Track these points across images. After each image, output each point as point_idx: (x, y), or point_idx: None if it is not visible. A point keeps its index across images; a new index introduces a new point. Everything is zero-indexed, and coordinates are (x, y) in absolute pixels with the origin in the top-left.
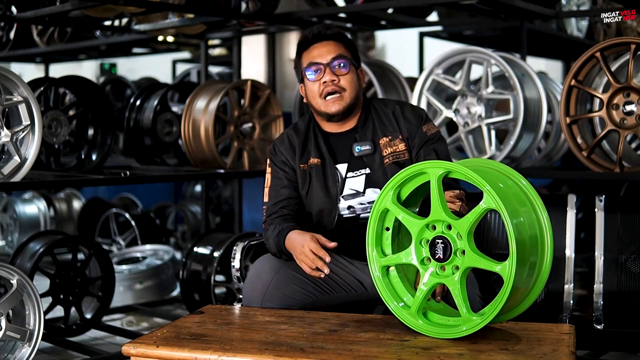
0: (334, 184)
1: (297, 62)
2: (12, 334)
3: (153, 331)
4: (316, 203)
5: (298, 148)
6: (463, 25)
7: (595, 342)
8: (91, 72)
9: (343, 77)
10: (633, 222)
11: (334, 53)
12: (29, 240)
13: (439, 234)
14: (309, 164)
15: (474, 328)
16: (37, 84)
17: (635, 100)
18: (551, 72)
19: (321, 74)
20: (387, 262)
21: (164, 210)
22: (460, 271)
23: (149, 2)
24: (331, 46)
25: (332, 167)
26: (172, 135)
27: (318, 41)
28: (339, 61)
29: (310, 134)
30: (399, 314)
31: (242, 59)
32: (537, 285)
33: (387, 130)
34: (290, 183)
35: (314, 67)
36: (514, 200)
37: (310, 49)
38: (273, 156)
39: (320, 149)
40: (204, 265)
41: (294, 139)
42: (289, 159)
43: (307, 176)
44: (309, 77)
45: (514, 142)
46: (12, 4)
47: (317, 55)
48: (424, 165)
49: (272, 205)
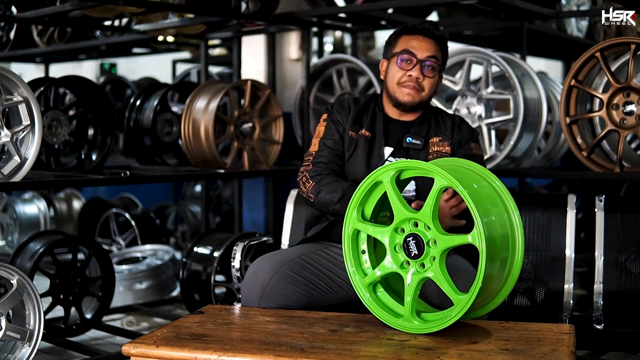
0: (377, 160)
1: (393, 40)
2: (12, 334)
3: (153, 331)
4: (355, 172)
5: (352, 116)
6: (463, 25)
7: (595, 342)
8: (91, 72)
9: (427, 79)
10: (633, 222)
11: (431, 52)
12: (29, 240)
13: (408, 232)
14: (359, 134)
15: (464, 308)
16: (37, 84)
17: (635, 100)
18: (551, 72)
19: (411, 65)
20: (370, 279)
21: (164, 210)
22: (437, 259)
23: (149, 2)
24: (431, 45)
25: (380, 144)
26: (172, 135)
27: (423, 34)
28: (432, 62)
29: (370, 110)
30: (396, 325)
31: (242, 59)
32: (509, 280)
33: (440, 132)
34: (341, 140)
35: (408, 56)
36: (486, 200)
37: (413, 36)
38: (330, 113)
39: (375, 125)
40: (204, 265)
41: (352, 106)
42: (344, 121)
43: (353, 144)
44: (398, 63)
45: (514, 142)
46: (12, 4)
47: (416, 46)
48: (376, 174)
49: (322, 155)
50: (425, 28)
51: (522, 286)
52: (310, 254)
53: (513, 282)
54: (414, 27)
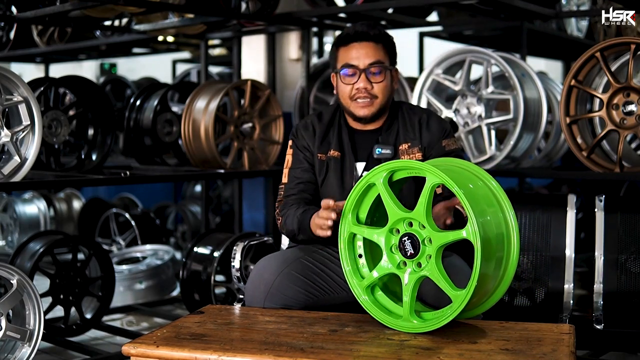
0: (351, 179)
1: (333, 54)
2: (12, 334)
3: (153, 331)
4: (329, 195)
5: (319, 137)
6: (463, 25)
7: (595, 342)
8: (91, 72)
9: (377, 85)
10: (633, 222)
11: (372, 58)
12: (29, 240)
13: (403, 232)
14: (328, 156)
15: (462, 303)
16: (37, 84)
17: (635, 100)
18: (551, 72)
19: (356, 77)
20: (367, 282)
21: (164, 210)
22: (433, 256)
23: (149, 2)
24: (370, 49)
25: (351, 162)
26: (172, 135)
27: (359, 40)
28: (376, 68)
29: (335, 125)
30: (395, 325)
31: (242, 59)
32: (504, 280)
33: (408, 136)
34: (310, 167)
35: (350, 69)
36: (481, 200)
37: (349, 46)
38: (295, 139)
39: (342, 142)
40: (204, 265)
41: (317, 126)
42: (310, 145)
43: (324, 167)
44: (343, 79)
45: (514, 142)
46: (12, 4)
47: (354, 56)
48: (368, 177)
49: (292, 187)
50: (359, 33)
51: (522, 286)
52: (313, 254)
53: (508, 281)
54: (347, 36)
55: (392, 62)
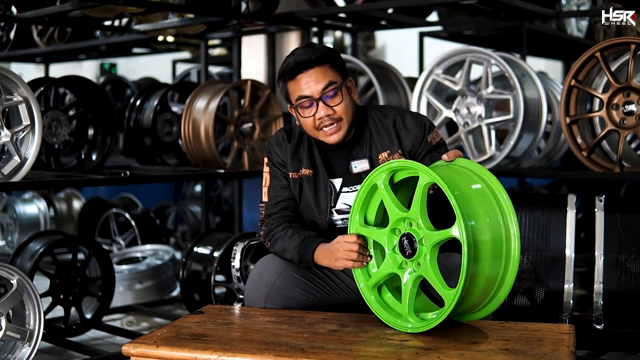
0: (325, 197)
1: (283, 88)
2: (12, 334)
3: (153, 331)
4: (307, 214)
5: (290, 155)
6: (463, 25)
7: (595, 342)
8: (91, 72)
9: (338, 107)
10: (633, 222)
11: (323, 82)
12: (29, 240)
13: (403, 232)
14: (300, 174)
15: (452, 302)
16: (37, 84)
17: (635, 100)
18: (551, 72)
19: (314, 108)
20: (373, 281)
21: (164, 210)
22: (428, 255)
23: (149, 2)
24: (318, 74)
25: (325, 180)
26: (172, 135)
27: (303, 70)
28: (330, 91)
29: (304, 142)
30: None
31: (242, 59)
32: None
33: (385, 144)
34: (287, 183)
35: (306, 101)
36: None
37: (296, 78)
38: (269, 155)
39: (314, 160)
40: (204, 265)
41: (287, 145)
42: (284, 161)
43: (297, 185)
44: (302, 113)
45: (514, 142)
46: (12, 4)
47: (305, 87)
48: (370, 178)
49: (272, 206)
50: (301, 63)
51: (522, 286)
52: None
53: (511, 282)
54: (291, 70)
55: (344, 75)
